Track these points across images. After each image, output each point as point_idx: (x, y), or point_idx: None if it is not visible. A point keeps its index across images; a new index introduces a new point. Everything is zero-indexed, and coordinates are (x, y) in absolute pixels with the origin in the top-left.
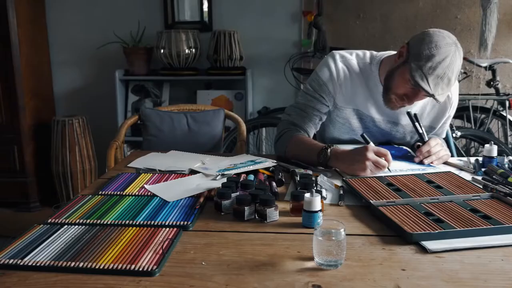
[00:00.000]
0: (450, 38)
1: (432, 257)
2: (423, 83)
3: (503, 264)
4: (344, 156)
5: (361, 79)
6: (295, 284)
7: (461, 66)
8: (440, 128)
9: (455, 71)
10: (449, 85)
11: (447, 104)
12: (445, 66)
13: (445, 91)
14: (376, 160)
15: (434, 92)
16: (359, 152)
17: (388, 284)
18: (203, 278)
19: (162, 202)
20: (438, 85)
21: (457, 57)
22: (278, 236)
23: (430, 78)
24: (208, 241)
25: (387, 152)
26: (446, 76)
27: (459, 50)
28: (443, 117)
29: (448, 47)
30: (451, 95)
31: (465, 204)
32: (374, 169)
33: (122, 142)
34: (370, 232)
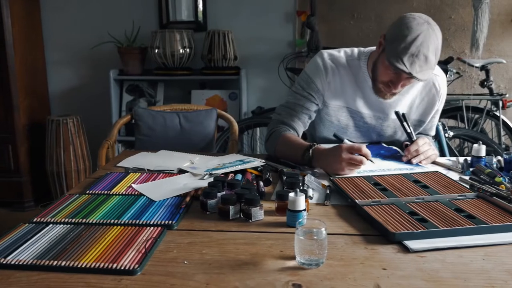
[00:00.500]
0: (421, 18)
1: (414, 256)
2: (399, 64)
3: (484, 263)
4: (322, 156)
5: (350, 75)
6: (275, 283)
7: (440, 43)
8: (429, 123)
9: (430, 48)
10: (428, 63)
11: (436, 97)
12: (418, 44)
13: (424, 69)
14: (350, 158)
15: (411, 70)
16: (333, 152)
17: (368, 283)
18: (184, 277)
19: (149, 202)
20: (414, 64)
21: (430, 34)
22: (262, 235)
23: (405, 58)
24: (192, 240)
25: (361, 146)
26: (422, 54)
27: (432, 28)
28: (432, 110)
29: (420, 26)
30: (439, 88)
31: (450, 203)
32: (352, 167)
33: (114, 141)
34: (353, 231)
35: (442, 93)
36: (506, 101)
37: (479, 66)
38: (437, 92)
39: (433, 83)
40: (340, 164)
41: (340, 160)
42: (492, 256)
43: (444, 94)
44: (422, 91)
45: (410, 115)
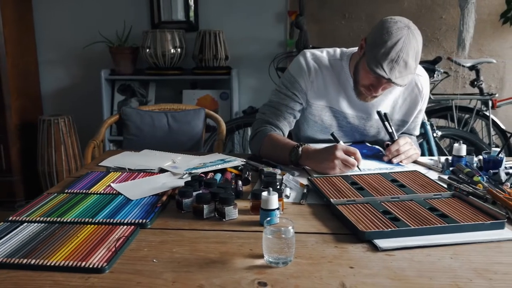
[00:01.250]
0: (402, 22)
1: (382, 255)
2: (378, 70)
3: (452, 262)
4: (314, 155)
5: (332, 75)
6: (241, 281)
7: (420, 48)
8: (412, 123)
9: (410, 54)
10: (408, 68)
11: (418, 97)
12: (398, 49)
13: (403, 74)
14: (345, 158)
15: (391, 76)
16: (328, 150)
17: (333, 282)
18: (152, 275)
19: (126, 200)
20: (394, 69)
21: (410, 39)
22: (234, 234)
23: (385, 64)
24: (164, 239)
25: (356, 150)
26: (401, 59)
27: (413, 32)
28: (415, 110)
29: (400, 31)
30: (421, 88)
31: (425, 203)
32: (344, 168)
33: (101, 141)
34: (326, 230)
35: (425, 93)
36: (496, 100)
37: (469, 66)
38: (419, 92)
39: (415, 83)
40: (333, 162)
41: (334, 158)
42: (460, 254)
43: (427, 94)
44: (404, 91)
45: (393, 115)
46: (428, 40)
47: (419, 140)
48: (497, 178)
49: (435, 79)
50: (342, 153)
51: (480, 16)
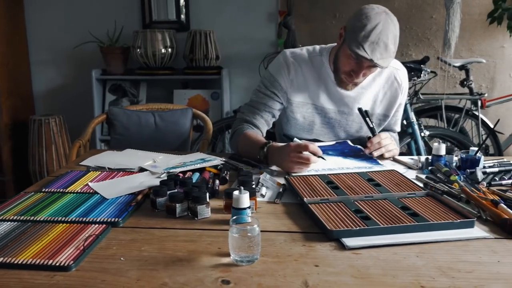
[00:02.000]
0: (379, 8)
1: (349, 253)
2: (360, 51)
3: (417, 260)
4: (275, 155)
5: (312, 71)
6: (205, 279)
7: (398, 34)
8: (393, 117)
9: (389, 36)
10: (388, 51)
11: (398, 90)
12: (378, 32)
13: (384, 56)
14: (297, 156)
15: (373, 57)
16: (282, 150)
17: (296, 280)
18: (117, 273)
19: (102, 199)
20: (375, 50)
21: (389, 23)
22: (204, 232)
23: (366, 45)
24: (134, 238)
25: (308, 144)
26: (382, 41)
27: (390, 17)
28: (395, 104)
29: (378, 16)
30: (400, 81)
31: (398, 201)
32: (301, 165)
33: (87, 140)
34: (296, 229)
35: (404, 87)
36: (485, 100)
37: (459, 65)
38: (399, 85)
39: (394, 77)
40: (289, 163)
41: (288, 159)
42: (426, 253)
43: (406, 88)
44: (384, 85)
45: (375, 110)
46: (418, 39)
47: (407, 139)
48: (474, 177)
49: (422, 78)
50: (294, 151)
51: (471, 16)
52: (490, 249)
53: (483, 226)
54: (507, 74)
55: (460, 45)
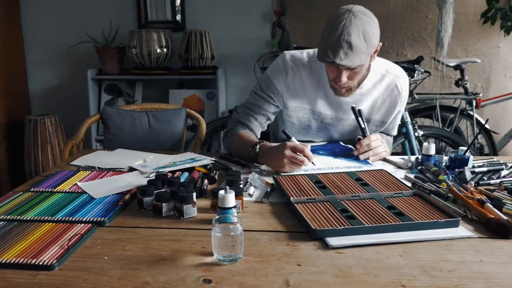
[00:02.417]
0: (345, 8)
1: (332, 252)
2: (324, 56)
3: (400, 259)
4: (267, 153)
5: (312, 77)
6: (187, 278)
7: (368, 26)
8: (391, 123)
9: (353, 34)
10: (353, 48)
11: (398, 98)
12: (338, 33)
13: (350, 55)
14: (292, 156)
15: (334, 59)
16: (277, 149)
17: (278, 279)
18: (100, 272)
19: (89, 199)
20: (337, 52)
21: (352, 20)
22: (189, 232)
23: (329, 49)
24: (119, 237)
25: (304, 147)
26: (343, 41)
27: (355, 14)
28: (394, 111)
29: (340, 16)
30: (401, 89)
31: (384, 201)
32: (293, 165)
33: (81, 140)
34: (281, 228)
35: (404, 95)
36: (480, 100)
37: (453, 65)
38: (399, 93)
39: (395, 85)
40: (282, 161)
41: (282, 157)
42: (409, 252)
43: (406, 95)
44: (384, 92)
45: (372, 116)
46: (414, 39)
47: (401, 139)
48: (462, 177)
49: (415, 78)
50: (290, 151)
51: (466, 16)
52: (474, 249)
53: (469, 226)
54: (503, 74)
55: (455, 45)
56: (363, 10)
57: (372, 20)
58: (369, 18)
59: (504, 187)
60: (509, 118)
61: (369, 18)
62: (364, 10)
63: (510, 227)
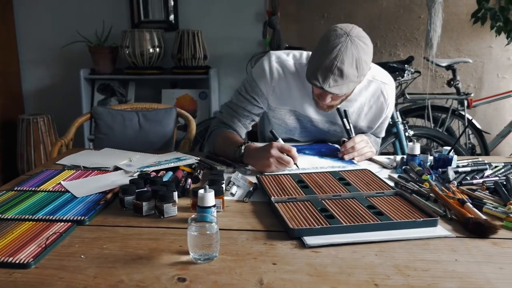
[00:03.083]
0: (342, 30)
1: (308, 251)
2: (313, 79)
3: (375, 258)
4: (253, 153)
5: (297, 80)
6: (161, 277)
7: (363, 55)
8: (378, 128)
9: (346, 61)
10: (344, 77)
11: (384, 105)
12: (332, 57)
13: (339, 83)
14: (279, 156)
15: (323, 85)
16: (264, 149)
17: (252, 278)
18: (76, 270)
19: (72, 198)
20: (327, 78)
21: (348, 46)
22: (168, 231)
23: (319, 73)
24: (98, 236)
25: (291, 148)
26: (336, 68)
27: (352, 39)
28: (380, 117)
29: (337, 39)
30: (387, 96)
31: (365, 200)
32: (279, 165)
33: (70, 139)
34: (260, 227)
35: (390, 102)
36: (472, 100)
37: (445, 65)
38: (385, 100)
39: (381, 91)
40: (268, 160)
41: (268, 156)
42: (385, 251)
43: (392, 102)
44: (370, 99)
45: (359, 122)
46: (406, 39)
47: (392, 139)
48: (446, 176)
49: (405, 78)
50: (276, 151)
51: (458, 16)
52: (450, 248)
53: (447, 225)
54: (495, 74)
55: (448, 45)
56: (361, 34)
57: (367, 47)
58: (365, 44)
59: (486, 187)
60: (502, 118)
61: (365, 45)
62: (361, 34)
63: (487, 227)
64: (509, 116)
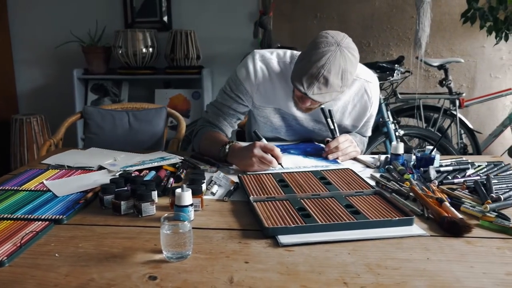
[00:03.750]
0: (333, 38)
1: (282, 250)
2: (297, 83)
3: (347, 257)
4: (236, 153)
5: (281, 79)
6: (132, 275)
7: (349, 67)
8: (363, 127)
9: (333, 71)
10: (329, 86)
11: (368, 103)
12: (319, 65)
13: (323, 91)
14: (262, 156)
15: (307, 91)
16: (247, 148)
17: (223, 276)
18: (48, 269)
19: (53, 197)
20: (312, 85)
21: (337, 56)
22: (144, 230)
23: (304, 78)
24: (74, 235)
25: (274, 148)
26: (322, 76)
27: (341, 49)
28: (364, 116)
29: (327, 47)
30: (370, 95)
31: (343, 199)
32: (262, 165)
33: (60, 139)
34: (237, 226)
35: (374, 100)
36: (464, 100)
37: (437, 65)
38: (369, 98)
39: (365, 90)
40: (251, 160)
41: (251, 156)
42: (358, 250)
43: (376, 100)
44: (354, 97)
45: (343, 121)
46: (399, 39)
47: (382, 139)
48: (427, 176)
49: (395, 78)
50: (259, 150)
51: (451, 16)
52: (423, 247)
53: (424, 224)
54: (488, 74)
55: (440, 45)
56: (351, 45)
57: (355, 58)
58: (353, 56)
59: (466, 186)
60: (495, 118)
61: (353, 57)
62: (351, 45)
63: (461, 226)
64: (502, 115)
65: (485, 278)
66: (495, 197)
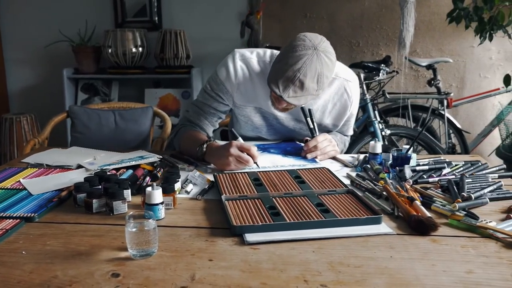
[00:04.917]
0: (311, 42)
1: (247, 248)
2: (273, 85)
3: (312, 255)
4: (213, 151)
5: (261, 78)
6: (96, 272)
7: (325, 71)
8: (344, 126)
9: (309, 75)
10: (304, 89)
11: (348, 102)
12: (296, 69)
13: (298, 94)
14: (238, 155)
15: (283, 94)
16: (224, 147)
17: (185, 274)
18: (13, 266)
19: (28, 195)
20: (288, 88)
21: (313, 60)
22: (114, 228)
23: (280, 81)
24: (44, 232)
25: (251, 147)
26: (297, 79)
27: (318, 54)
28: (344, 115)
29: (304, 51)
30: (350, 94)
31: (316, 198)
32: (238, 164)
33: (45, 138)
34: (206, 224)
35: (354, 99)
36: (452, 100)
37: (425, 65)
38: (348, 97)
39: (344, 89)
40: (228, 159)
41: (228, 155)
42: (323, 248)
43: (356, 99)
44: (334, 96)
45: (323, 120)
46: (388, 39)
47: (368, 138)
48: (402, 175)
49: (380, 77)
50: (236, 149)
51: (440, 16)
52: (388, 245)
53: (393, 223)
54: (477, 74)
55: (430, 45)
56: (328, 49)
57: (331, 63)
58: (330, 60)
59: (440, 185)
60: (484, 117)
61: (330, 61)
62: (328, 49)
63: (428, 224)
64: (490, 115)
65: (445, 276)
66: (466, 196)
